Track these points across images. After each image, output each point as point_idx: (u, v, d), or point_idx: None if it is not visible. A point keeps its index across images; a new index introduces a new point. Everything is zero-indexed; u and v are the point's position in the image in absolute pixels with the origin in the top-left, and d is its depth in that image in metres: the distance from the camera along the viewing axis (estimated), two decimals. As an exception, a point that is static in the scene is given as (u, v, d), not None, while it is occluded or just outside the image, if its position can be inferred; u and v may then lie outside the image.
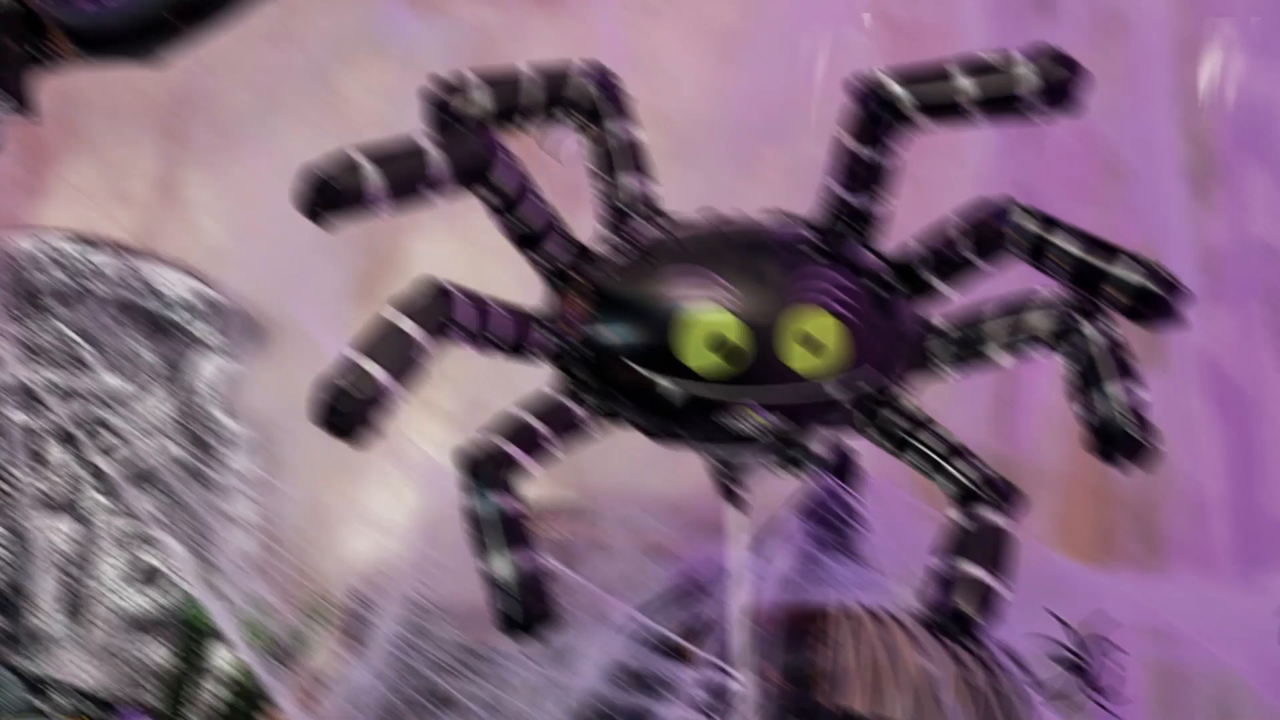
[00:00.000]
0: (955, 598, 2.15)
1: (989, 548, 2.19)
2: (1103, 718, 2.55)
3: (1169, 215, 2.83)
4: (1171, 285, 2.11)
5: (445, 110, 2.19)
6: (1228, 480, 2.87)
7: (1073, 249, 2.15)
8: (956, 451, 2.25)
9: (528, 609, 2.07)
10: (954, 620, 2.14)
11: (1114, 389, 2.15)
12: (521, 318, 2.20)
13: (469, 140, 2.10)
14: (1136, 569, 2.96)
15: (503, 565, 2.06)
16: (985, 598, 2.15)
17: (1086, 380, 2.17)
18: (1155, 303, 2.13)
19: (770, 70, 2.99)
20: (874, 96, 2.13)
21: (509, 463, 2.10)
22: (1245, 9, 2.87)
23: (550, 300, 2.24)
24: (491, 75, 2.22)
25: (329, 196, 2.01)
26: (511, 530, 2.08)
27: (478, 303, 2.12)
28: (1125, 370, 2.16)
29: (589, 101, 2.27)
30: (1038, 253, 2.16)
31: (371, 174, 2.01)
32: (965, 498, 2.20)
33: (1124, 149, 2.90)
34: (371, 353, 2.00)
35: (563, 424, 2.19)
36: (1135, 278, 2.12)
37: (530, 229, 2.19)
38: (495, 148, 2.11)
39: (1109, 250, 2.14)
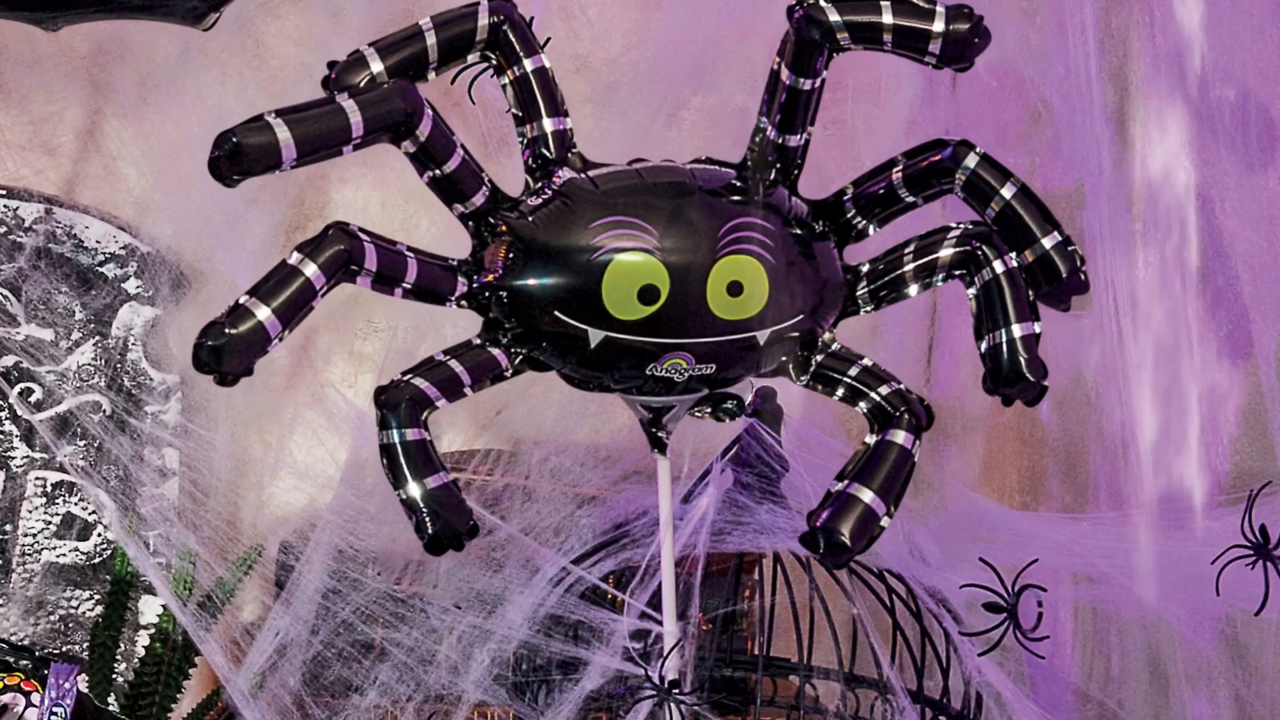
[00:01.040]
0: (836, 519, 2.22)
1: (884, 468, 2.27)
2: (1030, 660, 2.71)
3: (1094, 158, 2.91)
4: (1078, 275, 2.27)
5: (342, 80, 2.26)
6: (1153, 423, 2.90)
7: (1017, 205, 2.28)
8: (879, 378, 2.35)
9: (447, 523, 2.17)
10: (825, 536, 2.21)
11: (1011, 327, 2.27)
12: (439, 265, 2.28)
13: (391, 96, 2.19)
14: (1063, 512, 3.13)
15: (418, 489, 2.17)
16: (864, 522, 2.22)
17: (988, 316, 2.29)
18: (1055, 278, 2.28)
19: (695, 17, 3.02)
20: (812, 21, 2.22)
21: (424, 401, 2.21)
22: None
23: (475, 249, 2.31)
24: (392, 39, 2.29)
25: (240, 157, 2.09)
26: (426, 458, 2.19)
27: (389, 249, 2.22)
28: (1023, 307, 2.27)
29: (502, 41, 2.32)
30: (982, 197, 2.27)
31: (284, 135, 2.09)
32: (881, 417, 2.32)
33: (1046, 90, 3.07)
34: (256, 295, 2.11)
35: (481, 366, 2.28)
36: (1056, 254, 2.26)
37: (453, 180, 2.27)
38: (415, 99, 2.20)
39: (1046, 219, 2.27)
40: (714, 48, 3.02)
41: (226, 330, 2.15)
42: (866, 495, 2.28)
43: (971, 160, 2.33)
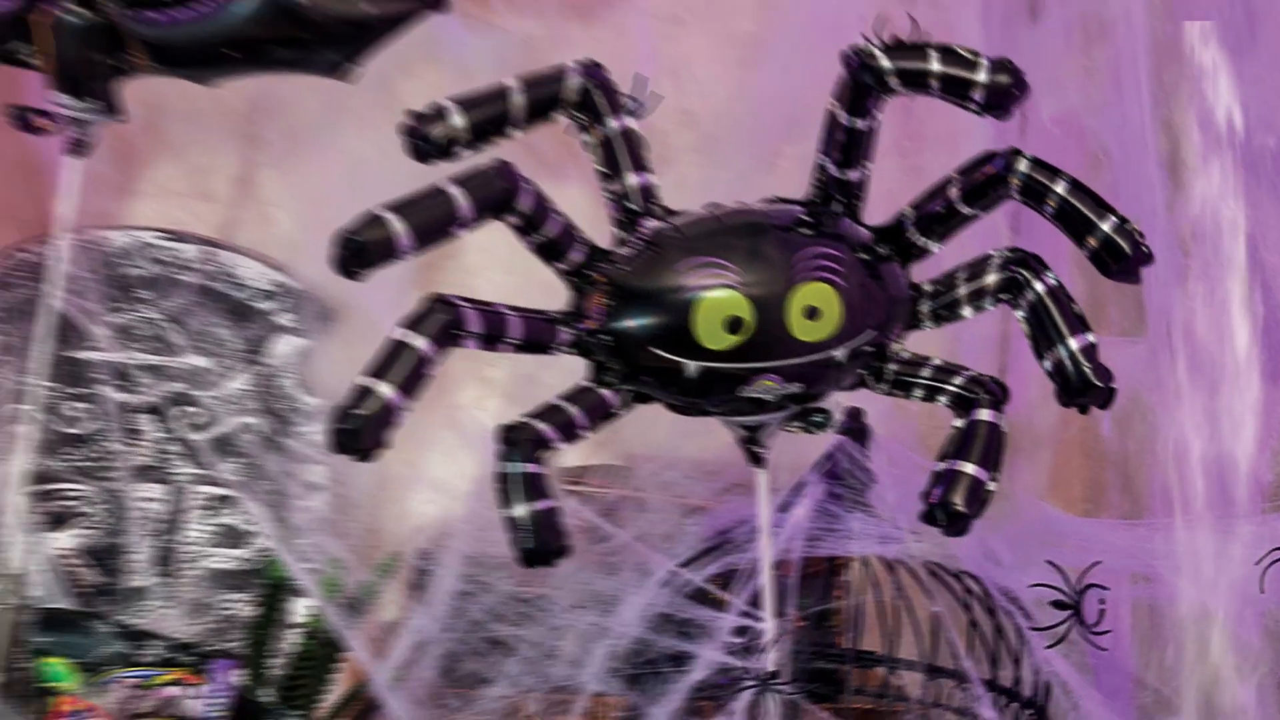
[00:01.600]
0: (949, 492, 2.40)
1: (979, 442, 2.44)
2: (1093, 652, 2.89)
3: (1149, 200, 3.04)
4: (1140, 249, 2.42)
5: (425, 139, 2.42)
6: (1202, 438, 3.05)
7: (1073, 199, 2.45)
8: (951, 371, 2.54)
9: (542, 543, 2.37)
10: (943, 510, 2.40)
11: (1066, 341, 2.43)
12: (540, 318, 2.49)
13: (494, 180, 2.37)
14: (1122, 519, 3.28)
15: (521, 509, 2.36)
16: (975, 489, 2.40)
17: (1042, 334, 2.45)
18: (1123, 257, 2.43)
19: (787, 74, 3.23)
20: (866, 67, 2.39)
21: (544, 443, 2.40)
22: (1211, 12, 3.14)
23: (573, 299, 2.52)
24: (474, 96, 2.46)
25: (362, 255, 2.30)
26: (532, 485, 2.38)
27: (488, 311, 2.41)
28: (1071, 319, 2.44)
29: (584, 99, 2.51)
30: (1038, 196, 2.46)
31: (398, 228, 2.30)
32: (962, 404, 2.49)
33: (1106, 139, 3.17)
34: (382, 375, 2.30)
35: (593, 406, 2.48)
36: (1117, 235, 2.43)
37: (554, 243, 2.47)
38: (514, 177, 2.39)
39: (1101, 206, 2.44)
40: (804, 101, 2.83)
41: (357, 413, 2.36)
42: (969, 468, 2.46)
43: (1023, 165, 2.52)
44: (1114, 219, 2.48)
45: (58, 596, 3.53)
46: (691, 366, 2.48)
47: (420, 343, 2.36)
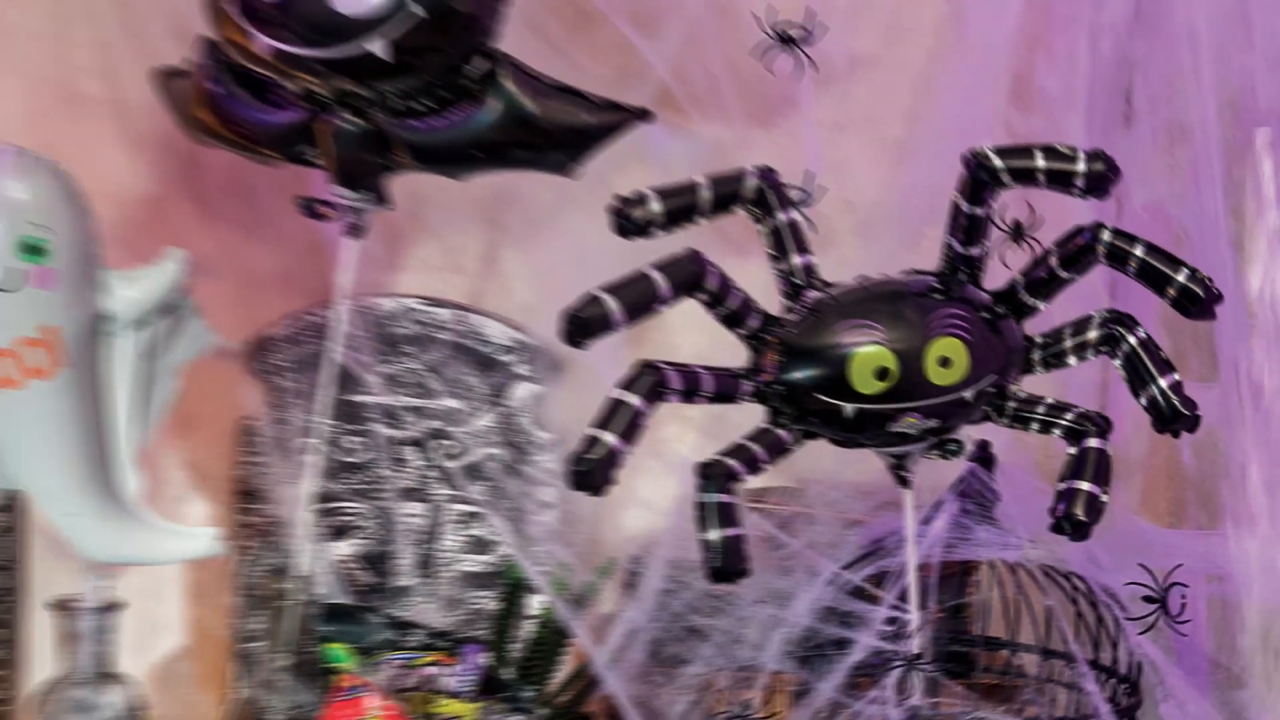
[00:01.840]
0: (1071, 505, 2.68)
1: (1091, 465, 2.72)
2: (1176, 637, 3.07)
3: (1221, 272, 3.11)
4: (1212, 292, 2.71)
5: (628, 219, 2.76)
6: (1263, 463, 3.27)
7: (1150, 258, 2.73)
8: (1062, 408, 2.81)
9: (727, 566, 2.68)
10: (1068, 521, 2.69)
11: (1157, 381, 2.72)
12: (727, 375, 2.81)
13: (687, 265, 2.71)
14: (1199, 530, 3.48)
15: (714, 534, 2.68)
16: (1092, 502, 2.68)
17: (1136, 378, 2.74)
18: (1198, 301, 2.72)
19: (929, 171, 3.41)
20: (981, 166, 2.70)
21: (734, 476, 2.72)
22: (1271, 120, 3.34)
23: (751, 357, 2.84)
24: (670, 188, 2.79)
25: (586, 328, 2.65)
26: (724, 514, 2.69)
27: (685, 371, 2.75)
28: (1160, 365, 2.72)
29: (760, 198, 2.84)
30: (1121, 259, 2.74)
31: (613, 306, 2.64)
32: (1074, 435, 2.76)
33: (1186, 223, 3.36)
34: (606, 425, 2.64)
35: (772, 444, 2.80)
36: (1191, 284, 2.71)
37: (735, 314, 2.80)
38: (703, 263, 2.73)
39: (1175, 261, 2.72)
40: (942, 192, 3.01)
41: (588, 458, 2.67)
42: (1085, 485, 2.71)
43: (1106, 235, 2.78)
44: (1186, 270, 2.75)
45: (339, 594, 3.78)
46: (849, 408, 2.78)
47: (634, 400, 2.69)
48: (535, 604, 3.69)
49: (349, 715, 3.18)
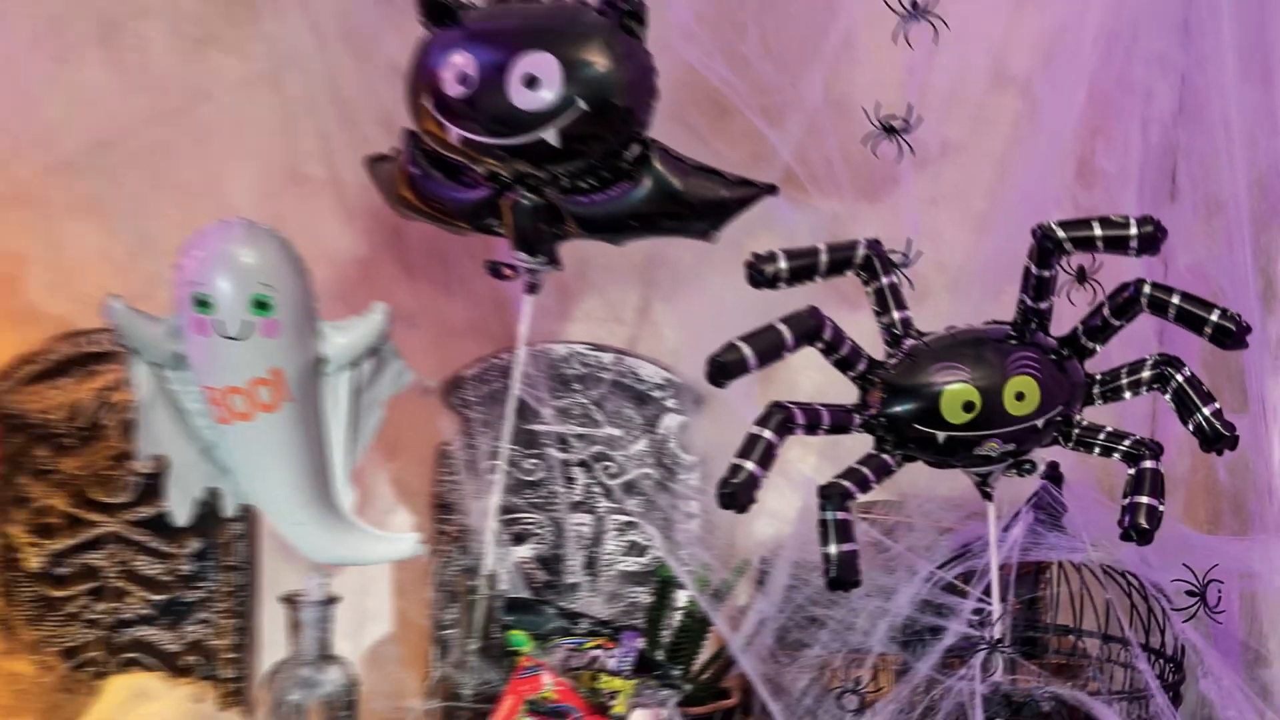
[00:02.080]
0: (1135, 517, 2.89)
1: (1148, 482, 2.92)
2: (1213, 625, 3.32)
3: (1249, 320, 3.14)
4: (1240, 328, 2.90)
5: (760, 273, 2.96)
6: None
7: (1186, 305, 2.93)
8: (1120, 436, 3.00)
9: (842, 576, 2.91)
10: (1134, 530, 2.89)
11: (1201, 410, 2.92)
12: (841, 410, 3.02)
13: (807, 319, 2.92)
14: (1233, 536, 3.62)
15: (832, 548, 2.90)
16: (1152, 512, 2.89)
17: (1184, 408, 2.94)
18: (1228, 336, 2.91)
19: (1009, 238, 3.49)
20: (1047, 237, 2.92)
21: (849, 495, 2.94)
22: None
23: (860, 395, 3.06)
24: (798, 250, 2.99)
25: (725, 370, 2.89)
26: (841, 530, 2.90)
27: (807, 409, 2.95)
28: (1203, 396, 2.93)
29: (868, 263, 3.06)
30: (1161, 307, 2.93)
31: (748, 353, 2.87)
32: (1132, 458, 2.96)
33: (1221, 281, 3.53)
34: (746, 455, 2.87)
35: (878, 466, 3.02)
36: (1223, 321, 2.91)
37: (847, 359, 3.03)
38: (821, 317, 2.94)
39: (1207, 304, 2.91)
40: (1019, 256, 3.18)
41: (733, 483, 2.88)
42: (1145, 499, 2.91)
43: (1148, 289, 2.96)
44: (1218, 310, 2.92)
45: (519, 589, 4.05)
46: (941, 436, 3.01)
47: (768, 434, 2.90)
48: (681, 598, 3.84)
49: (528, 690, 3.31)
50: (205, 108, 4.19)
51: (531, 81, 3.32)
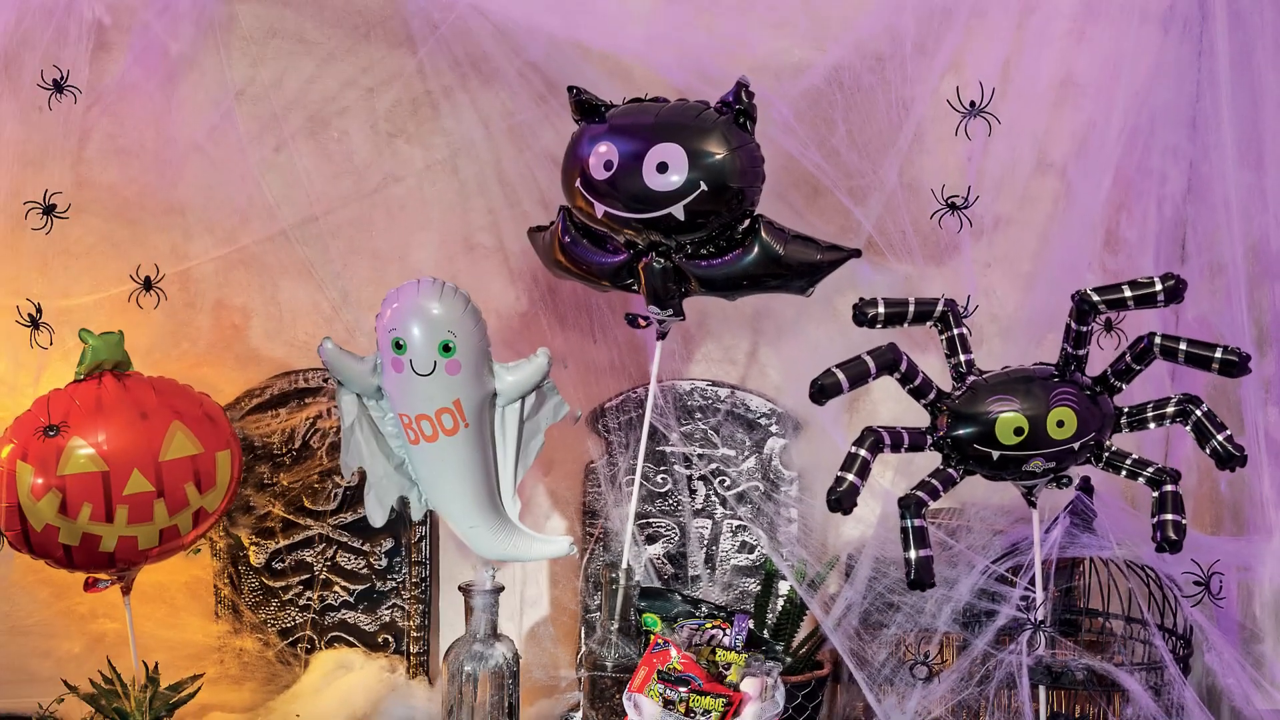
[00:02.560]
0: (1165, 531, 3.07)
1: (1171, 501, 3.10)
2: (1216, 609, 3.57)
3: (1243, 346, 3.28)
4: (1243, 359, 3.08)
5: (863, 314, 3.21)
6: (1276, 492, 3.66)
7: (1192, 349, 3.13)
8: (1144, 464, 3.17)
9: (920, 578, 3.11)
10: (1166, 542, 3.05)
11: (1217, 437, 3.12)
12: (918, 432, 3.26)
13: (887, 353, 3.21)
14: (1231, 537, 3.83)
15: (912, 554, 3.12)
16: (1177, 526, 3.06)
17: (1202, 436, 3.13)
18: (1235, 367, 3.09)
19: (1050, 294, 3.84)
20: (1084, 300, 3.14)
21: (921, 502, 3.17)
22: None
23: (931, 420, 3.27)
24: (892, 299, 3.24)
25: (824, 391, 3.19)
26: (919, 537, 3.13)
27: (892, 431, 3.22)
28: (1218, 426, 3.13)
29: (944, 317, 3.30)
30: (1172, 354, 3.14)
31: (842, 378, 3.18)
32: (1155, 483, 3.13)
33: (1221, 329, 3.77)
34: (847, 469, 3.13)
35: (945, 479, 3.24)
36: (1227, 355, 3.10)
37: (919, 389, 3.28)
38: (899, 352, 3.22)
39: (1211, 346, 3.12)
40: (1059, 308, 3.39)
41: (840, 490, 3.08)
42: (1170, 516, 3.08)
43: (1159, 339, 3.14)
44: (1220, 348, 3.12)
45: (651, 580, 4.29)
46: (995, 454, 3.19)
47: (863, 452, 3.15)
48: (783, 587, 4.10)
49: (659, 662, 3.37)
50: (395, 188, 4.52)
51: (662, 167, 3.53)
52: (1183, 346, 3.13)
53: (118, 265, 4.37)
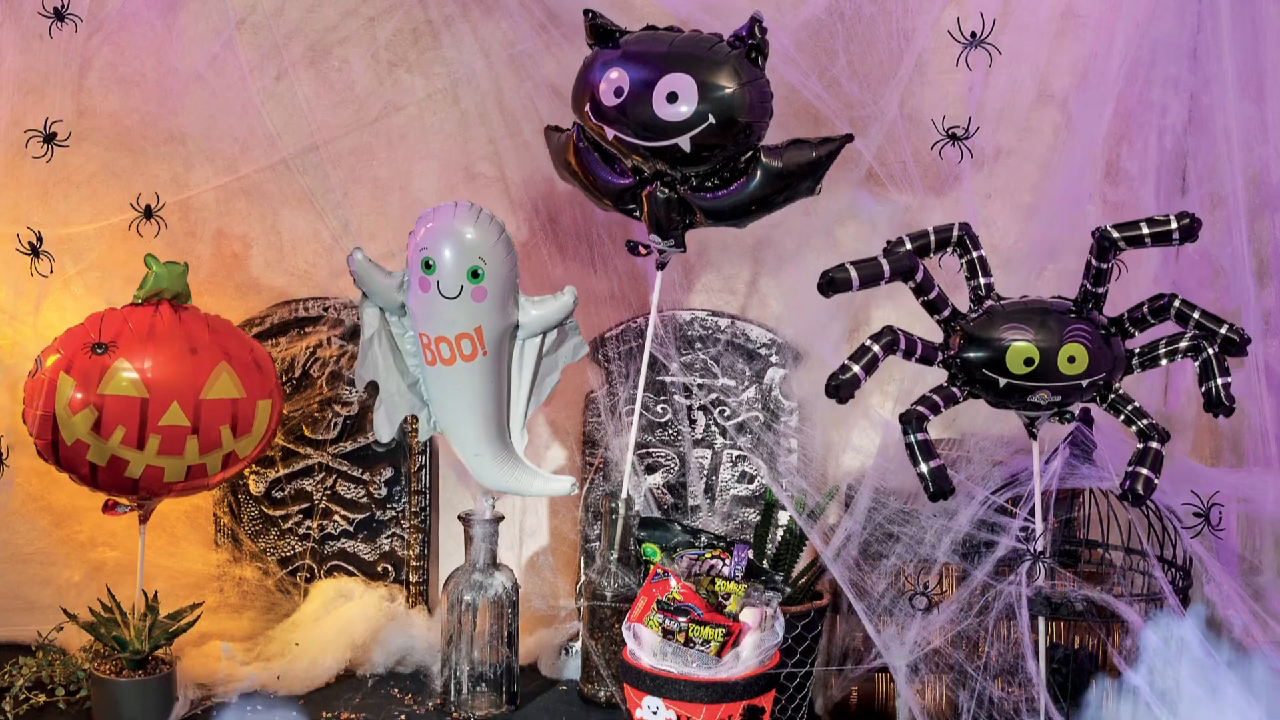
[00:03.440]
0: (1135, 484, 3.09)
1: (1151, 458, 3.12)
2: (1216, 540, 3.58)
3: (1245, 294, 3.63)
4: (1245, 339, 3.14)
5: (889, 249, 3.21)
6: (1275, 424, 3.64)
7: (1203, 319, 3.15)
8: (1141, 414, 3.18)
9: (939, 488, 3.11)
10: (1131, 494, 3.10)
11: (1217, 380, 3.10)
12: (932, 346, 3.23)
13: (904, 259, 3.18)
14: (1231, 469, 3.82)
15: (924, 467, 3.12)
16: (1148, 483, 3.09)
17: (1205, 375, 3.12)
18: (1236, 346, 3.14)
19: (1048, 225, 3.87)
20: (1105, 237, 3.11)
21: (923, 417, 3.16)
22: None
23: (945, 338, 3.24)
24: (916, 233, 3.25)
25: (834, 284, 3.12)
26: (926, 450, 3.12)
27: (909, 338, 3.18)
28: (1223, 370, 3.12)
29: (961, 241, 3.29)
30: (1184, 319, 3.16)
31: (854, 274, 3.12)
32: (1144, 436, 3.16)
33: (1223, 262, 3.75)
34: (856, 359, 3.11)
35: (947, 396, 3.22)
36: (1230, 334, 3.13)
37: (934, 302, 3.24)
38: (916, 260, 3.20)
39: (1220, 320, 3.15)
40: (1059, 241, 3.68)
41: (840, 378, 3.06)
42: (1144, 471, 3.08)
43: (1177, 304, 3.16)
44: (1227, 325, 3.13)
45: (651, 510, 4.28)
46: (1003, 382, 3.15)
47: (876, 348, 3.12)
48: (783, 517, 4.05)
49: (659, 591, 3.34)
50: (396, 118, 4.49)
51: (672, 97, 3.56)
52: (1196, 315, 3.13)
53: (118, 194, 4.37)
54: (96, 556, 4.39)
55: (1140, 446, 3.11)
